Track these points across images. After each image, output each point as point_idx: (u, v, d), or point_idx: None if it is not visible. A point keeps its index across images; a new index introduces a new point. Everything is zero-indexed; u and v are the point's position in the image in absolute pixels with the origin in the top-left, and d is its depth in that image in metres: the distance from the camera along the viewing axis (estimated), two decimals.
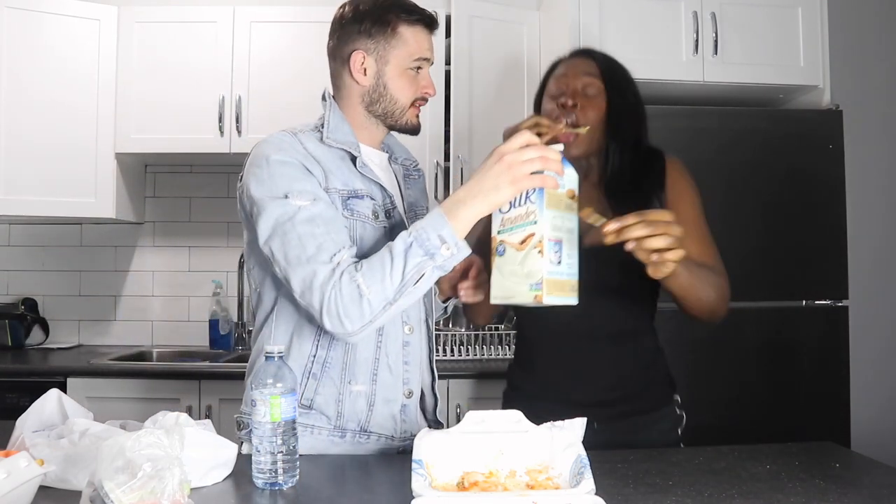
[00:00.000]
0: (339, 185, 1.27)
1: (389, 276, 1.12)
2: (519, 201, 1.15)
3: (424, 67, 1.36)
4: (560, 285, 1.12)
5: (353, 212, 1.26)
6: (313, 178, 1.23)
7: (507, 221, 1.17)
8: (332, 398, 1.29)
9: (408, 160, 1.49)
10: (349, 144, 1.31)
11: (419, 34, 1.33)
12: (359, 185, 1.29)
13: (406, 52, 1.31)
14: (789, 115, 2.52)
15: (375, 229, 1.29)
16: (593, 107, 1.46)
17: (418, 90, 1.35)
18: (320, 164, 1.25)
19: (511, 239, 1.15)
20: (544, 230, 1.10)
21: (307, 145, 1.27)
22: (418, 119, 1.38)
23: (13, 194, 2.62)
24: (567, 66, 1.53)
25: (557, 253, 1.12)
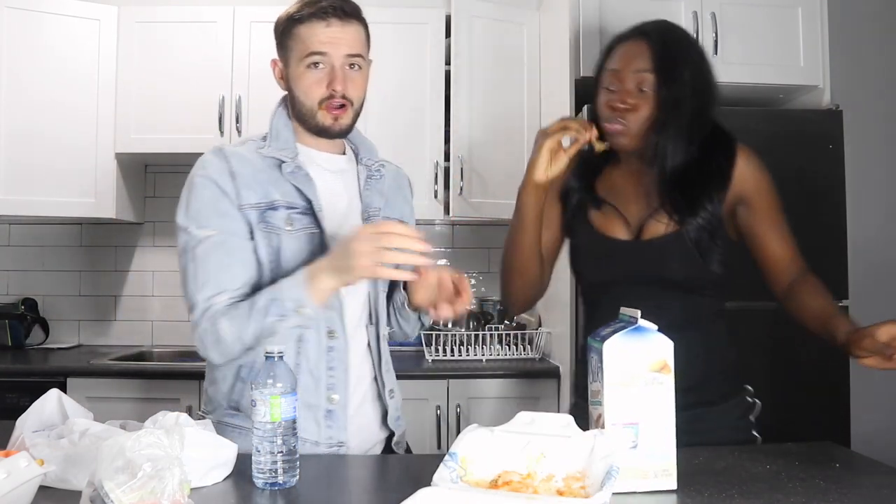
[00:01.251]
0: (255, 199, 1.29)
1: (247, 328, 1.21)
2: (595, 375, 1.09)
3: (323, 62, 1.30)
4: (632, 472, 1.04)
5: (268, 224, 1.30)
6: (226, 200, 1.28)
7: (593, 394, 1.11)
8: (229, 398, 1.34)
9: (371, 160, 1.45)
10: (284, 151, 1.33)
11: (312, 29, 1.29)
12: (278, 195, 1.31)
13: (300, 49, 1.30)
14: (789, 115, 2.52)
15: (292, 237, 1.30)
16: (644, 105, 1.38)
17: (323, 88, 1.30)
18: (238, 180, 1.29)
19: (593, 413, 1.10)
20: (608, 413, 1.04)
21: (232, 161, 1.30)
22: (336, 121, 1.33)
23: (13, 194, 2.62)
24: (621, 56, 1.42)
25: (630, 437, 1.04)
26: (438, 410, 2.42)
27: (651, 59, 1.38)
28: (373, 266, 1.13)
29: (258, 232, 1.30)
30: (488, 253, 3.12)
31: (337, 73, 1.30)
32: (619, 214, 1.44)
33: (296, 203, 1.32)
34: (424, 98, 2.76)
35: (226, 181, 1.29)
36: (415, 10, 2.78)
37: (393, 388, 1.43)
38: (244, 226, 1.29)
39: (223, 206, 1.28)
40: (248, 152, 1.34)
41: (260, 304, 1.21)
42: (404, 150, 2.73)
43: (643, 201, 1.43)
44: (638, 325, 1.06)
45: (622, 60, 1.41)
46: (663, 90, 1.37)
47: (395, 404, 1.44)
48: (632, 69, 1.39)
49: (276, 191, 1.31)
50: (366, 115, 2.82)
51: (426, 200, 2.73)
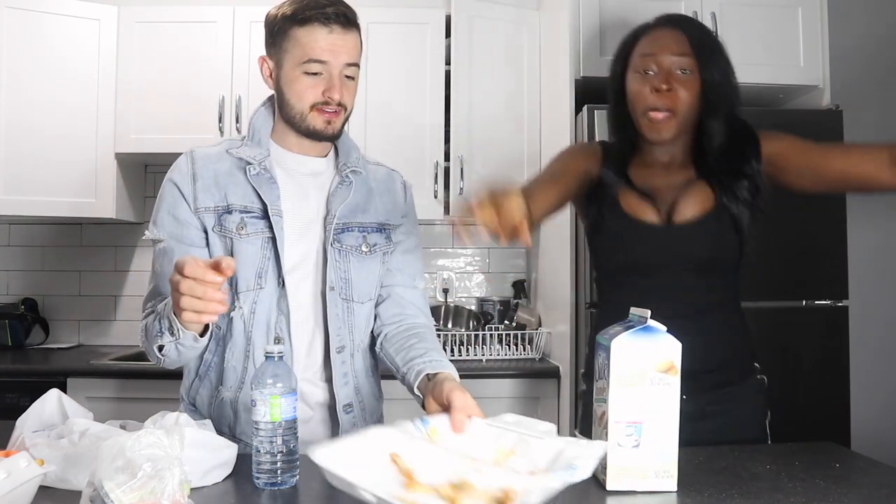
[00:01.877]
0: (212, 203, 1.31)
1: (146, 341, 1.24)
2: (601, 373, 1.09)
3: (323, 70, 1.28)
4: (633, 472, 1.05)
5: (223, 227, 1.31)
6: (183, 205, 1.31)
7: (598, 392, 1.11)
8: (207, 401, 1.36)
9: (346, 166, 1.40)
10: (255, 153, 1.33)
11: (312, 34, 1.27)
12: (235, 198, 1.31)
13: (297, 53, 1.28)
14: (789, 115, 2.52)
15: (244, 242, 1.30)
16: (687, 87, 1.38)
17: (318, 94, 1.29)
18: (198, 183, 1.31)
19: (597, 411, 1.11)
20: (612, 411, 1.05)
21: (197, 164, 1.33)
22: (329, 125, 1.31)
23: (13, 194, 2.62)
24: (654, 41, 1.41)
25: (633, 436, 1.05)
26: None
27: (689, 43, 1.38)
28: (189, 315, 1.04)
29: (214, 236, 1.31)
30: (488, 253, 3.12)
31: (335, 81, 1.29)
32: (650, 199, 1.43)
33: (252, 207, 1.31)
34: (424, 98, 2.76)
35: (187, 185, 1.32)
36: (415, 10, 2.78)
37: (351, 402, 1.38)
38: (198, 232, 1.31)
39: (179, 211, 1.31)
40: (217, 154, 1.35)
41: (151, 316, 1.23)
42: (404, 150, 2.73)
43: (672, 188, 1.44)
44: (647, 324, 1.06)
45: (656, 45, 1.40)
46: (706, 72, 1.38)
47: (352, 419, 1.39)
48: (670, 52, 1.38)
49: (234, 194, 1.31)
50: (366, 114, 2.84)
51: (426, 200, 2.73)
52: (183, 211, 1.31)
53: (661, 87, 1.37)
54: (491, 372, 2.50)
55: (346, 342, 1.37)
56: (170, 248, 1.30)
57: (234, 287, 1.31)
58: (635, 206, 1.44)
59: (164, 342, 1.17)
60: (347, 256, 1.37)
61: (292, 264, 1.33)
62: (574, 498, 1.03)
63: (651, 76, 1.39)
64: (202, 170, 1.32)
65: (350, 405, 1.38)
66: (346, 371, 1.38)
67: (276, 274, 1.31)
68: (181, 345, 1.17)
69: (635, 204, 1.44)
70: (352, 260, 1.37)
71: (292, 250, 1.33)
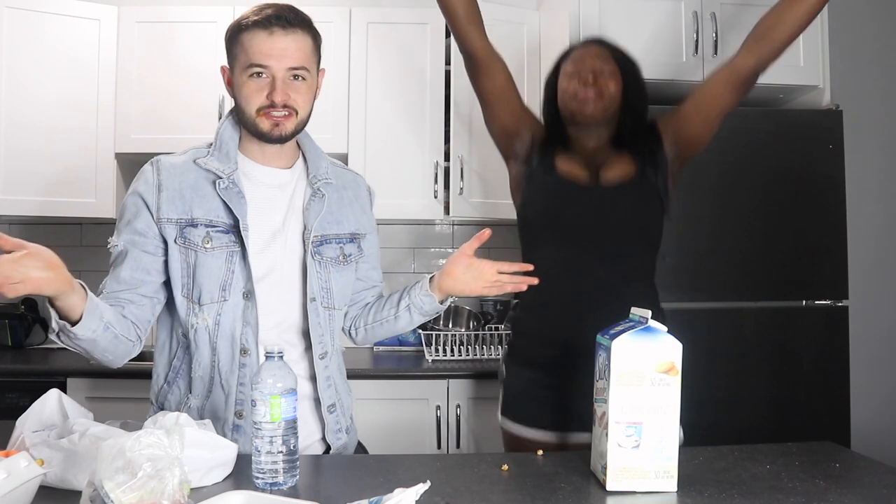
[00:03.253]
0: (176, 215, 1.32)
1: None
2: (601, 373, 1.10)
3: (266, 74, 1.29)
4: (633, 472, 1.05)
5: (186, 240, 1.32)
6: (144, 215, 1.33)
7: (598, 392, 1.12)
8: (175, 406, 1.37)
9: (316, 178, 1.42)
10: (222, 165, 1.34)
11: (253, 39, 1.29)
12: (200, 211, 1.32)
13: (243, 59, 1.30)
14: (789, 115, 2.52)
15: (208, 255, 1.32)
16: (612, 82, 1.62)
17: (262, 97, 1.30)
18: (163, 195, 1.32)
19: (597, 411, 1.12)
20: (612, 411, 1.05)
21: (163, 175, 1.33)
22: (277, 127, 1.32)
23: (13, 194, 2.62)
24: (583, 50, 1.69)
25: (633, 437, 1.05)
26: (438, 410, 2.43)
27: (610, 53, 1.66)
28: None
29: (174, 247, 1.32)
30: (488, 253, 3.09)
31: (277, 84, 1.29)
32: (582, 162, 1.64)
33: (218, 221, 1.33)
34: (424, 98, 2.76)
35: (151, 195, 1.33)
36: (415, 10, 2.77)
37: (333, 403, 1.43)
38: (155, 242, 1.33)
39: (139, 223, 1.33)
40: (183, 164, 1.35)
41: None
42: (405, 149, 2.73)
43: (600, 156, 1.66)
44: (648, 325, 1.07)
45: (586, 54, 1.67)
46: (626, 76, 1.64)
47: (336, 418, 1.43)
48: (596, 55, 1.65)
49: (200, 207, 1.33)
50: (366, 114, 2.84)
51: (426, 200, 2.73)
52: (142, 222, 1.33)
53: (588, 79, 1.61)
54: (491, 372, 2.50)
55: (328, 348, 1.42)
56: (124, 250, 1.35)
57: (198, 300, 1.33)
58: (567, 166, 1.64)
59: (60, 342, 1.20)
60: (328, 267, 1.41)
61: (259, 275, 1.34)
62: (574, 498, 1.03)
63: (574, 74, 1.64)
64: (168, 180, 1.33)
65: (333, 405, 1.43)
66: (329, 374, 1.43)
67: (241, 286, 1.33)
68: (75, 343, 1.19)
69: (567, 164, 1.64)
70: (331, 270, 1.42)
71: (258, 262, 1.34)
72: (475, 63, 1.75)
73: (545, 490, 1.07)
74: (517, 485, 1.09)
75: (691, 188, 2.25)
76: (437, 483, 1.06)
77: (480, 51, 1.73)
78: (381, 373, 2.48)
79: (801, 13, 1.64)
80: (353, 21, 2.74)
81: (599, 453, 1.09)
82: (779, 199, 2.40)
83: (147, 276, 1.34)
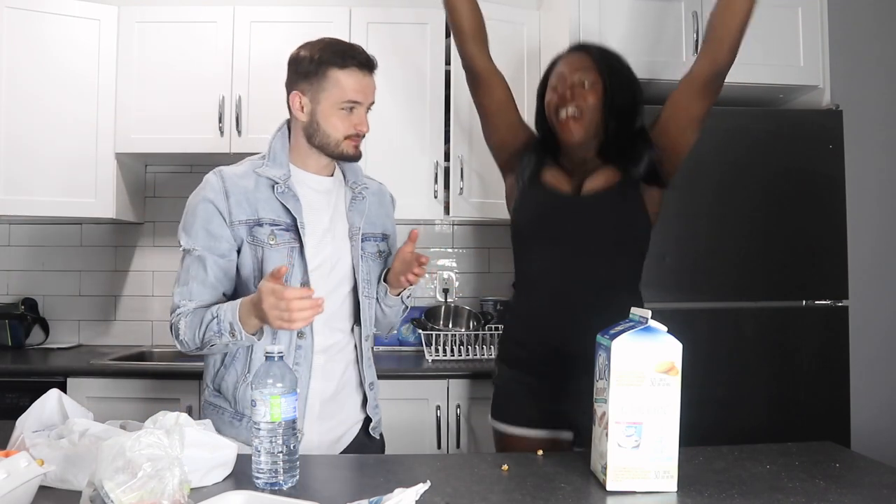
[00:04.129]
0: (245, 217, 1.50)
1: (197, 333, 1.43)
2: (601, 373, 1.10)
3: (357, 108, 1.52)
4: (633, 472, 1.05)
5: (254, 238, 1.50)
6: (218, 218, 1.49)
7: (598, 392, 1.13)
8: (232, 386, 1.53)
9: (356, 184, 1.64)
10: (278, 172, 1.53)
11: (350, 77, 1.51)
12: (264, 212, 1.51)
13: (336, 94, 1.50)
14: (789, 115, 2.52)
15: (274, 251, 1.50)
16: (591, 94, 1.64)
17: (350, 127, 1.53)
18: (231, 199, 1.49)
19: (597, 411, 1.12)
20: (612, 411, 1.06)
21: (227, 182, 1.51)
22: (357, 150, 1.56)
23: (13, 194, 2.62)
24: (564, 61, 1.72)
25: (633, 437, 1.05)
26: (438, 410, 2.43)
27: (592, 60, 1.68)
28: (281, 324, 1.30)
29: (246, 246, 1.50)
30: (488, 253, 3.12)
31: (363, 117, 1.54)
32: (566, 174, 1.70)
33: (280, 220, 1.51)
34: (424, 98, 2.76)
35: (221, 200, 1.49)
36: (415, 10, 2.77)
37: (373, 381, 1.66)
38: (230, 244, 1.50)
39: (213, 225, 1.49)
40: (243, 173, 1.54)
41: (207, 317, 1.42)
42: (405, 149, 2.73)
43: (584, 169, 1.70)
44: (648, 325, 1.07)
45: (566, 64, 1.70)
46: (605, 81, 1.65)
47: (374, 395, 1.66)
48: (576, 66, 1.67)
49: (263, 208, 1.51)
50: None
51: (426, 200, 2.73)
52: (216, 225, 1.49)
53: (566, 95, 1.65)
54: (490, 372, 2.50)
55: (369, 332, 1.65)
56: (203, 256, 1.48)
57: None
58: (553, 178, 1.70)
59: (222, 342, 1.40)
60: (368, 261, 1.63)
61: (313, 267, 1.53)
62: (574, 498, 1.03)
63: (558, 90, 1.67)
64: (233, 187, 1.51)
65: (373, 383, 1.66)
66: (370, 356, 1.67)
67: (299, 277, 1.51)
68: (235, 344, 1.41)
69: (553, 176, 1.70)
70: (371, 264, 1.64)
71: (313, 256, 1.53)
72: (476, 79, 1.85)
73: (545, 490, 1.07)
74: (517, 485, 1.09)
75: (691, 188, 2.25)
76: (437, 483, 1.06)
77: (482, 68, 1.83)
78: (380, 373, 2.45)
79: (738, 9, 1.65)
80: (353, 21, 2.74)
81: (599, 453, 1.09)
82: (779, 199, 2.40)
83: (226, 281, 1.51)
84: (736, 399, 2.31)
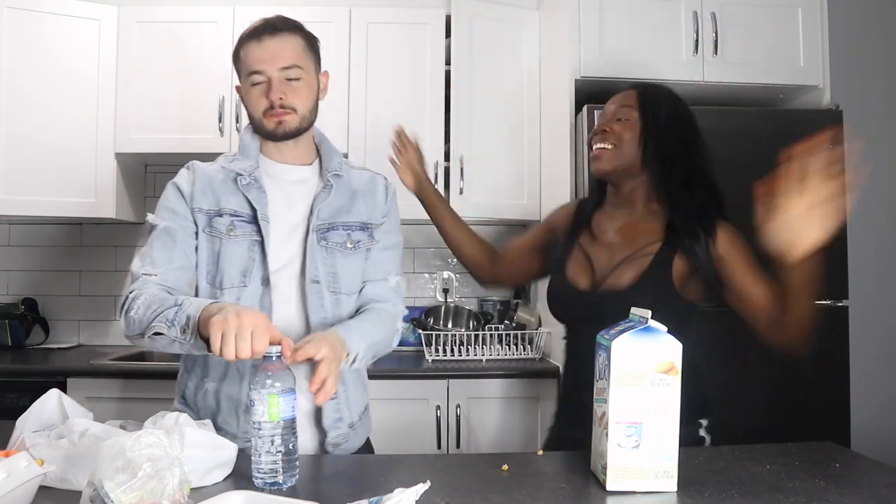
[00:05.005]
0: (206, 206, 1.44)
1: (147, 313, 1.27)
2: (601, 373, 1.10)
3: (262, 79, 1.40)
4: (633, 472, 1.05)
5: (213, 228, 1.43)
6: (182, 202, 1.44)
7: (598, 392, 1.12)
8: (193, 392, 1.44)
9: (328, 170, 1.50)
10: (245, 165, 1.46)
11: (249, 49, 1.42)
12: (226, 204, 1.43)
13: (244, 72, 1.43)
14: (789, 115, 2.52)
15: (232, 243, 1.41)
16: (627, 128, 1.56)
17: (264, 101, 1.41)
18: (195, 187, 1.44)
19: (597, 411, 1.12)
20: (612, 411, 1.05)
21: (196, 174, 1.47)
22: (279, 125, 1.42)
23: (13, 194, 2.62)
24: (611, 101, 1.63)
25: (633, 437, 1.05)
26: (438, 410, 2.43)
27: (635, 97, 1.58)
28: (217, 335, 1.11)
29: (203, 235, 1.43)
30: None
31: (273, 84, 1.40)
32: (588, 262, 1.56)
33: (242, 212, 1.43)
34: (424, 98, 2.76)
35: (186, 186, 1.45)
36: (415, 10, 2.78)
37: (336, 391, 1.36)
38: (192, 226, 1.43)
39: (179, 206, 1.44)
40: (213, 168, 1.49)
41: (170, 301, 1.27)
42: None
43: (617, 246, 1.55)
44: (648, 325, 1.06)
45: (612, 102, 1.62)
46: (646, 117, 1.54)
47: (335, 406, 1.43)
48: (617, 104, 1.59)
49: (226, 200, 1.44)
50: (366, 114, 2.84)
51: None
52: (181, 206, 1.44)
53: (600, 129, 1.58)
54: (491, 372, 2.50)
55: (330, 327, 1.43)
56: (170, 227, 1.42)
57: (220, 284, 1.41)
58: (575, 269, 1.58)
59: (170, 335, 1.23)
60: (334, 253, 1.47)
61: (280, 265, 1.43)
62: (574, 498, 1.03)
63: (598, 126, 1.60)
64: (200, 177, 1.46)
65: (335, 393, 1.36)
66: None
67: (260, 274, 1.41)
68: (181, 343, 1.24)
69: (575, 266, 1.58)
70: (338, 256, 1.47)
71: (279, 252, 1.43)
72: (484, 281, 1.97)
73: (545, 490, 1.07)
74: (517, 485, 1.09)
75: None
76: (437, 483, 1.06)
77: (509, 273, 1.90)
78: (381, 373, 2.48)
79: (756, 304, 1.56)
80: (353, 21, 2.74)
81: (599, 453, 1.09)
82: None
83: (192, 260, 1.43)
84: (736, 399, 2.31)
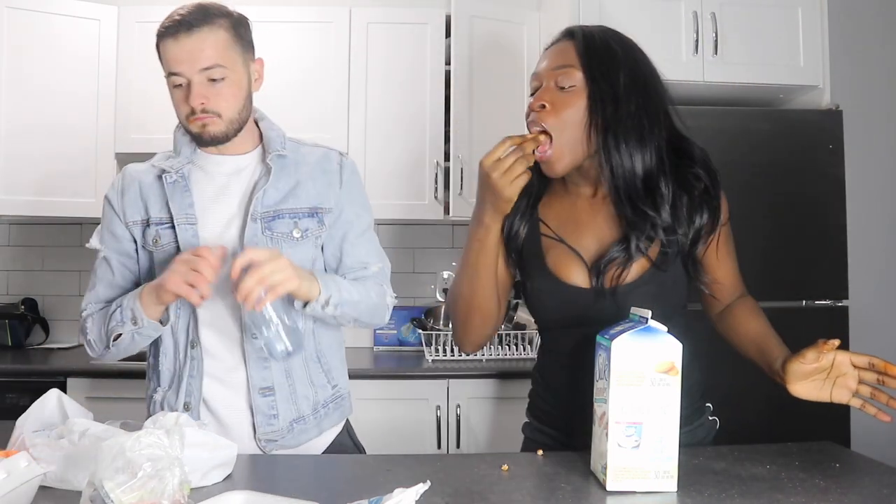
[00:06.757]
0: (137, 217, 1.38)
1: (102, 329, 1.33)
2: (601, 373, 1.09)
3: (182, 81, 1.29)
4: (633, 472, 1.05)
5: (146, 241, 1.37)
6: (116, 219, 1.39)
7: (598, 392, 1.11)
8: (148, 401, 1.43)
9: (269, 152, 1.37)
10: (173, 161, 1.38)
11: (167, 47, 1.31)
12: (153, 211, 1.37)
13: (165, 69, 1.34)
14: (789, 115, 2.52)
15: (161, 253, 1.36)
16: (567, 104, 1.20)
17: (185, 105, 1.30)
18: (125, 199, 1.38)
19: (597, 411, 1.11)
20: (612, 411, 1.05)
21: (126, 180, 1.40)
22: (203, 128, 1.30)
23: (13, 194, 2.62)
24: (543, 58, 1.27)
25: (633, 437, 1.04)
26: (438, 410, 2.43)
27: (575, 51, 1.22)
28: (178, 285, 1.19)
29: (142, 251, 1.39)
30: None
31: (193, 88, 1.28)
32: (575, 254, 1.28)
33: (164, 219, 1.36)
34: (424, 98, 2.76)
35: (117, 201, 1.39)
36: (415, 10, 2.78)
37: (270, 386, 1.35)
38: (130, 244, 1.39)
39: (115, 226, 1.40)
40: (145, 168, 1.41)
41: (111, 308, 1.32)
42: (404, 150, 2.73)
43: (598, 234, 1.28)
44: (648, 325, 1.06)
45: (544, 61, 1.26)
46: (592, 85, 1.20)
47: (270, 403, 1.36)
48: (554, 63, 1.23)
49: (153, 206, 1.37)
50: (366, 114, 2.84)
51: (426, 200, 2.73)
52: (116, 226, 1.40)
53: (534, 106, 1.21)
54: (491, 372, 2.50)
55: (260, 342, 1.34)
56: (108, 256, 1.40)
57: None
58: (560, 263, 1.28)
59: (125, 331, 1.29)
60: (279, 243, 1.36)
61: None
62: (574, 498, 1.03)
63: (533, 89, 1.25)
64: (129, 184, 1.40)
65: (269, 388, 1.36)
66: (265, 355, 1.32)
67: None
68: (139, 333, 1.29)
69: (559, 260, 1.28)
70: (284, 246, 1.35)
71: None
72: None
73: (545, 490, 1.07)
74: (517, 485, 1.09)
75: None
76: (437, 483, 1.06)
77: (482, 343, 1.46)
78: (381, 373, 2.48)
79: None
80: (353, 21, 2.74)
81: (599, 453, 1.09)
82: (779, 200, 2.40)
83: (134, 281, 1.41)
84: (736, 399, 2.31)
